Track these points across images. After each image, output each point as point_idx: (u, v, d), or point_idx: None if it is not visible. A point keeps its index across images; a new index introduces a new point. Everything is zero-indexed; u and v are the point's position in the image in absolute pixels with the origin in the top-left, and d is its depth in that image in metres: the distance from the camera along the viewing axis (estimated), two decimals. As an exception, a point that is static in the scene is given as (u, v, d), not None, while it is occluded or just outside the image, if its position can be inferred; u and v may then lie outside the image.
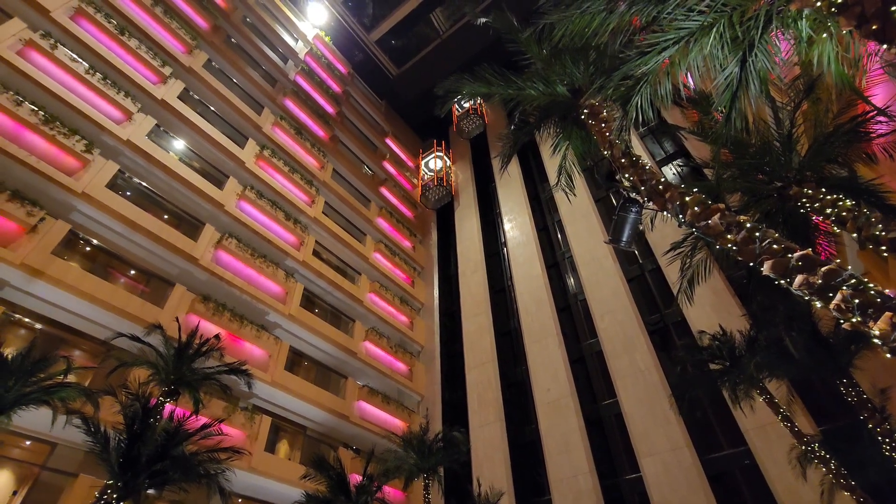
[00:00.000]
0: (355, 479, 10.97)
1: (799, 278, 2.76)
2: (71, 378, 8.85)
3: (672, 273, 15.94)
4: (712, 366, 10.39)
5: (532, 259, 23.05)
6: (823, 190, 5.07)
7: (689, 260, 8.32)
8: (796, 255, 2.83)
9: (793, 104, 7.22)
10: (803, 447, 8.78)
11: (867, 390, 8.68)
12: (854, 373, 8.75)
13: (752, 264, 3.19)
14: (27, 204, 12.45)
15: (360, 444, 18.76)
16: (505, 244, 25.59)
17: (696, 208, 3.50)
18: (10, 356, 7.77)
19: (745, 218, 3.28)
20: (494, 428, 18.90)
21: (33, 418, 8.82)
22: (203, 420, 8.57)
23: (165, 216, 16.98)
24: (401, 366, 22.96)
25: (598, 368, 18.29)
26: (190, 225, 17.52)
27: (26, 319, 12.87)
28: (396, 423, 19.96)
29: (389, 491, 13.47)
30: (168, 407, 9.34)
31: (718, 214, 3.35)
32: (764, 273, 3.02)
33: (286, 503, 15.49)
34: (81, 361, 13.13)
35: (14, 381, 7.59)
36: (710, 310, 15.12)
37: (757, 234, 3.03)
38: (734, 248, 3.17)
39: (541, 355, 19.50)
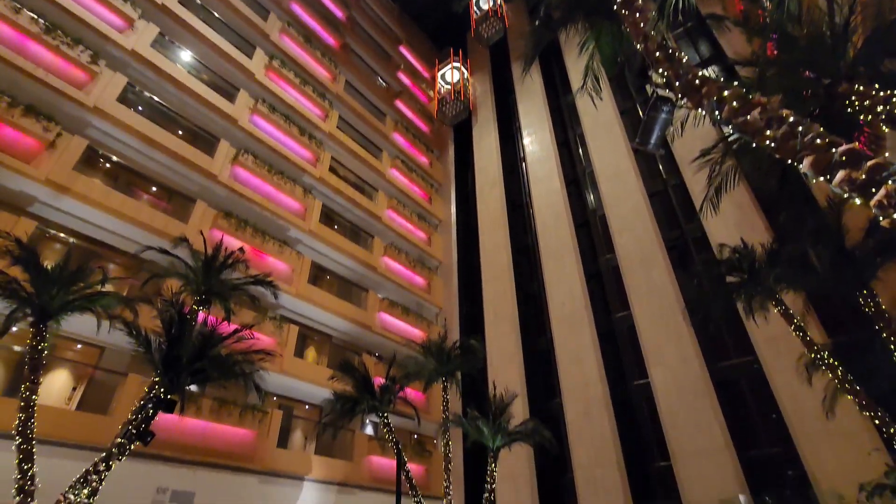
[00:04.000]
0: (378, 381, 11.77)
1: (840, 174, 2.61)
2: (108, 288, 9.36)
3: (696, 186, 15.48)
4: (729, 279, 10.38)
5: (551, 174, 22.53)
6: (877, 86, 4.65)
7: (718, 167, 7.97)
8: (841, 149, 2.65)
9: (853, -11, 6.43)
10: (812, 355, 8.97)
11: (886, 301, 8.65)
12: (874, 284, 8.67)
13: (789, 162, 3.02)
14: (42, 119, 12.43)
15: (382, 352, 19.91)
16: (524, 159, 24.92)
17: (734, 104, 3.25)
18: (49, 267, 8.16)
19: (788, 112, 3.05)
20: (509, 339, 19.74)
21: (80, 324, 9.48)
22: (235, 327, 9.11)
23: (180, 132, 16.84)
24: (419, 280, 23.64)
25: (614, 283, 18.52)
26: (205, 141, 17.39)
27: (61, 234, 13.41)
28: (416, 333, 20.97)
29: (410, 392, 14.49)
30: (201, 315, 9.91)
31: (759, 109, 3.11)
32: (803, 171, 2.86)
33: (316, 401, 16.94)
34: (116, 273, 13.82)
35: (57, 290, 8.04)
36: (733, 225, 14.83)
37: (800, 128, 2.82)
38: (773, 145, 2.98)
39: (557, 271, 19.75)
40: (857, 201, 2.59)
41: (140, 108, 15.89)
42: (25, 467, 6.60)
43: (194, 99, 16.83)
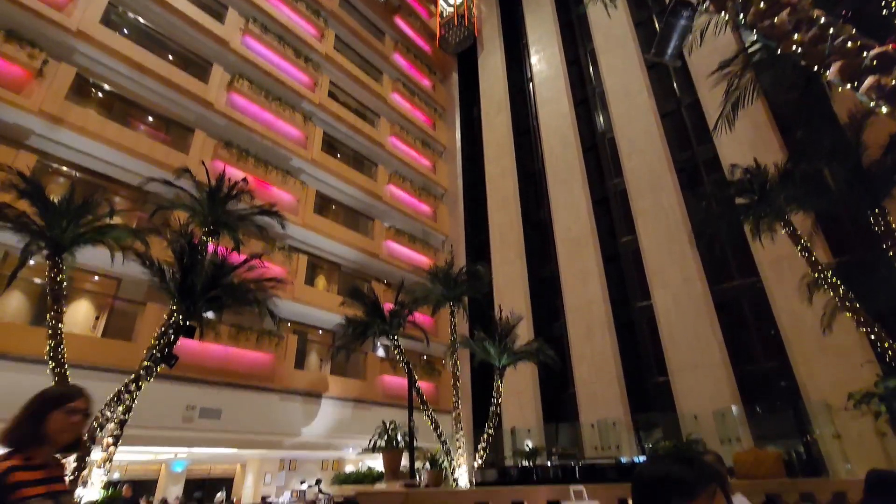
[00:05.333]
0: (388, 306, 12.13)
1: (869, 80, 2.45)
2: (116, 220, 9.44)
3: (711, 104, 14.82)
4: (739, 200, 10.23)
5: (560, 95, 21.57)
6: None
7: (736, 81, 7.55)
8: (872, 52, 2.47)
9: None
10: (816, 275, 9.05)
11: (897, 221, 8.55)
12: (887, 203, 8.53)
13: (815, 69, 2.84)
14: (26, 45, 11.87)
15: (390, 279, 20.36)
16: (531, 79, 23.75)
17: (761, 4, 2.98)
18: (56, 201, 8.18)
19: (820, 12, 2.80)
20: (515, 265, 20.03)
21: (94, 257, 9.69)
22: (244, 257, 9.27)
23: (170, 57, 16.08)
24: (425, 208, 23.58)
25: (621, 208, 18.39)
26: (198, 67, 16.64)
27: (63, 168, 13.31)
28: (423, 260, 21.29)
29: (419, 316, 15.02)
30: (210, 246, 10.06)
31: (788, 10, 2.86)
32: (828, 78, 2.69)
33: (329, 326, 17.63)
34: (122, 206, 13.88)
35: (67, 223, 8.12)
36: (747, 146, 14.36)
37: (831, 30, 2.62)
38: (799, 50, 2.79)
39: (564, 196, 19.55)
40: (884, 110, 2.46)
41: (126, 31, 15.07)
42: (62, 388, 7.06)
43: (181, 19, 15.89)
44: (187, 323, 8.32)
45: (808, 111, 8.65)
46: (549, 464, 12.20)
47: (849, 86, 2.61)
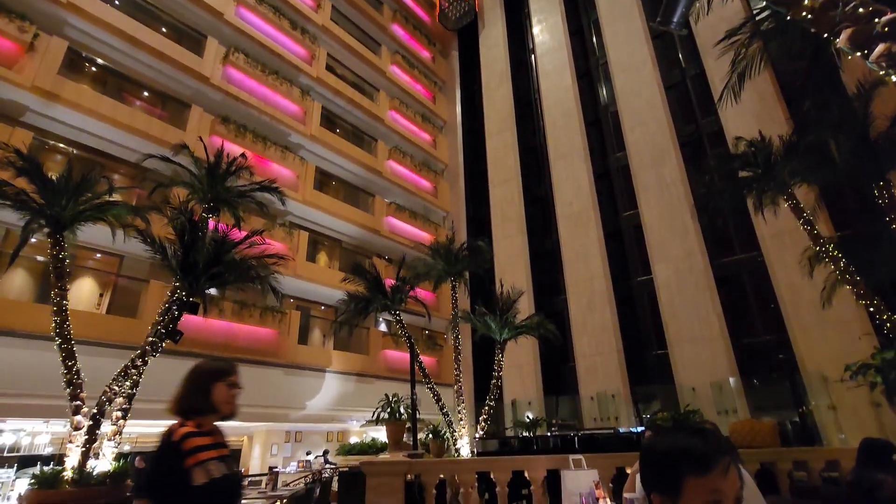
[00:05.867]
0: (389, 282, 12.16)
1: (880, 48, 2.39)
2: (116, 198, 9.39)
3: (717, 75, 14.54)
4: (742, 174, 10.13)
5: (563, 68, 21.14)
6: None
7: (743, 50, 7.37)
8: (884, 18, 2.40)
9: None
10: (817, 248, 9.03)
11: (902, 193, 8.47)
12: (892, 176, 8.45)
13: (824, 37, 2.76)
14: (14, 18, 11.60)
15: (392, 255, 20.41)
16: (533, 51, 23.23)
17: (771, -31, 2.89)
18: (54, 178, 8.12)
19: (832, -24, 2.72)
20: (517, 240, 20.02)
21: (95, 234, 9.69)
22: (245, 233, 9.25)
23: (164, 30, 15.72)
24: (425, 183, 23.43)
25: (623, 182, 18.26)
26: (192, 40, 16.29)
27: (60, 145, 13.19)
28: (424, 236, 21.29)
29: (420, 292, 15.10)
30: (211, 223, 10.03)
31: (799, -26, 2.77)
32: (838, 46, 2.63)
33: (331, 302, 17.74)
34: (120, 184, 13.80)
35: (66, 201, 8.09)
36: (752, 118, 14.14)
37: (843, -6, 2.53)
38: (809, 17, 2.71)
39: (565, 170, 19.39)
40: (894, 79, 2.40)
41: (117, 2, 14.68)
42: (69, 364, 7.17)
43: (172, -11, 15.47)
44: (190, 299, 8.37)
45: (816, 81, 8.46)
46: (548, 434, 12.46)
47: (859, 54, 2.54)
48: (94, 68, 14.31)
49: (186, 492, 2.00)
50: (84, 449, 6.77)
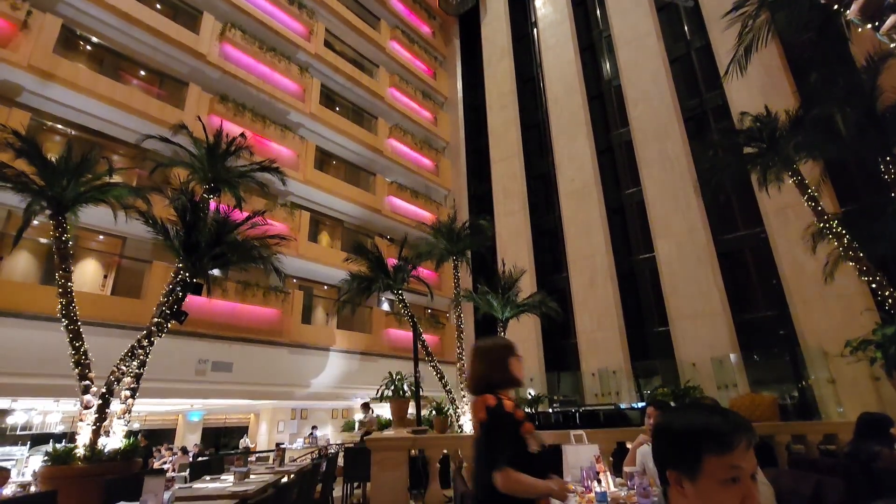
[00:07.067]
0: (391, 261, 12.19)
1: (891, 19, 2.33)
2: (116, 179, 9.35)
3: (723, 48, 14.21)
4: (747, 150, 10.00)
5: (565, 41, 20.69)
6: None
7: (751, 22, 7.18)
8: (897, -12, 2.33)
9: None
10: (821, 224, 8.98)
11: (908, 168, 8.36)
12: (899, 149, 8.33)
13: (836, 7, 2.68)
14: (6, -5, 11.36)
15: (393, 234, 20.39)
16: (535, 24, 22.69)
17: (781, -64, 2.79)
18: (54, 160, 8.07)
19: (844, -57, 2.63)
20: (518, 217, 19.95)
21: (97, 216, 9.69)
22: (247, 214, 9.24)
23: (158, 6, 15.40)
24: (427, 162, 23.25)
25: (626, 158, 18.07)
26: (188, 16, 15.98)
27: (58, 126, 13.08)
28: (425, 215, 21.24)
29: (423, 271, 15.15)
30: (212, 204, 10.00)
31: (810, -59, 2.67)
32: (849, 17, 2.55)
33: (333, 282, 17.85)
34: (120, 164, 13.74)
35: (67, 182, 8.06)
36: (758, 92, 13.88)
37: (854, -37, 2.46)
38: (819, -14, 2.62)
39: (568, 146, 19.18)
40: (904, 50, 2.34)
41: (109, -23, 14.32)
42: (77, 344, 7.26)
43: (166, -36, 15.08)
44: (194, 280, 8.41)
45: (824, 53, 8.28)
46: (550, 410, 12.65)
47: (869, 25, 2.47)
48: (89, 47, 14.08)
49: (526, 458, 2.16)
50: (95, 427, 6.92)
